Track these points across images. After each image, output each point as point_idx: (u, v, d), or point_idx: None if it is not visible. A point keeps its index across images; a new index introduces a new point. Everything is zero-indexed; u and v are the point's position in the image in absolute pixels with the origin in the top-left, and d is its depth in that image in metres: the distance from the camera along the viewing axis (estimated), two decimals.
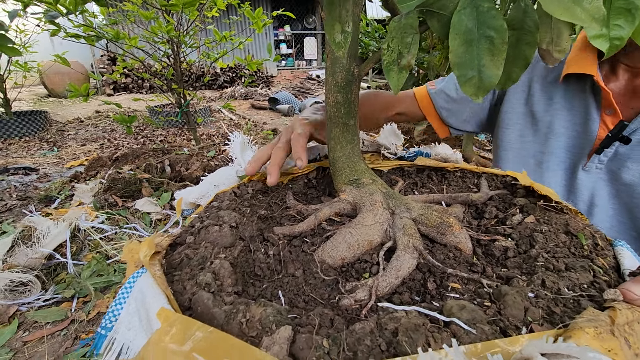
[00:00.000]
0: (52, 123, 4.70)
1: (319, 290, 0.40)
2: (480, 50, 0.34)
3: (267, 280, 0.42)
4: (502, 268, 0.44)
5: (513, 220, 0.51)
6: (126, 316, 0.35)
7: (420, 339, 0.30)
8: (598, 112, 0.77)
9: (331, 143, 0.54)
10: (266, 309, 0.33)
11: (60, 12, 1.79)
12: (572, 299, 0.35)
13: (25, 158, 3.45)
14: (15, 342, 1.25)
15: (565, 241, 0.46)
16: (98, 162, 2.82)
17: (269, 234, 0.49)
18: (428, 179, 0.65)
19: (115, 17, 2.73)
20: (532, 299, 0.35)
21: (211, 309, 0.33)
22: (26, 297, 1.40)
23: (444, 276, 0.41)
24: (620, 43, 0.31)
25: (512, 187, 0.59)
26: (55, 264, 1.57)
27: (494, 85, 0.34)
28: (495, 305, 0.35)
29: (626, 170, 0.74)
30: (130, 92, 7.37)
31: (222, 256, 0.42)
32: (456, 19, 0.35)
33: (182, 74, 2.72)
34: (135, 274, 0.38)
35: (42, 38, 3.89)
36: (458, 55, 0.35)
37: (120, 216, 2.08)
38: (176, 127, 4.47)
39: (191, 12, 2.46)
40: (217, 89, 7.89)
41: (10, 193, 2.54)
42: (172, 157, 2.67)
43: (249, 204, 0.55)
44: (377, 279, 0.40)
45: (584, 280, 0.38)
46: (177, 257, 0.43)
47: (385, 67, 0.39)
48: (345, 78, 0.48)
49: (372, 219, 0.47)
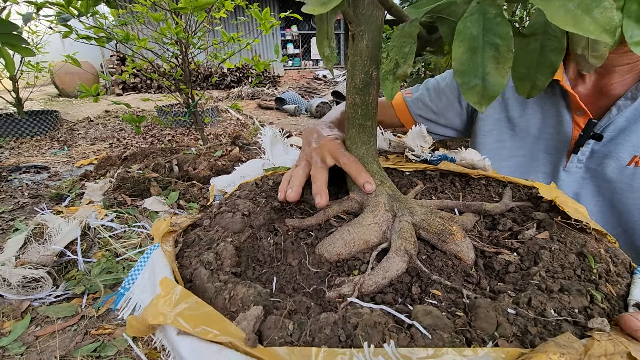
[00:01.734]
0: (63, 122, 4.78)
1: (309, 280, 0.43)
2: (485, 57, 0.32)
3: (267, 266, 0.45)
4: (498, 282, 0.42)
5: (525, 235, 0.49)
6: (141, 280, 0.42)
7: (377, 335, 0.31)
8: (569, 113, 0.79)
9: (347, 143, 0.56)
10: (249, 289, 0.36)
11: (72, 14, 1.82)
12: (554, 321, 0.34)
13: (36, 157, 3.51)
14: (27, 336, 1.28)
15: (574, 262, 0.43)
16: (107, 161, 2.86)
17: (280, 225, 0.52)
18: (451, 185, 0.64)
19: (125, 18, 2.77)
20: (510, 315, 0.34)
21: (205, 283, 0.38)
22: (38, 292, 1.44)
23: (430, 282, 0.41)
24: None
25: (536, 199, 0.56)
26: (66, 261, 1.61)
27: (498, 93, 0.33)
28: (466, 316, 0.35)
29: (605, 167, 0.76)
30: (138, 92, 7.45)
31: (229, 240, 0.46)
32: (461, 25, 0.34)
33: (190, 75, 2.75)
34: (153, 247, 0.44)
35: (53, 39, 3.97)
36: (462, 62, 0.34)
37: (129, 215, 2.11)
38: (184, 126, 4.51)
39: (199, 13, 2.49)
40: (225, 89, 7.94)
41: (22, 191, 2.59)
42: (180, 157, 2.70)
43: (266, 195, 0.58)
44: (364, 277, 0.41)
45: (575, 304, 0.36)
46: (191, 236, 0.48)
47: (382, 76, 0.39)
48: (363, 80, 0.49)
49: (371, 220, 0.48)
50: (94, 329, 1.31)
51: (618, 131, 0.74)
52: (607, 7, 0.24)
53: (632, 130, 0.73)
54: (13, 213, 2.25)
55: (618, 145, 0.74)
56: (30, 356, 1.20)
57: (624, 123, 0.73)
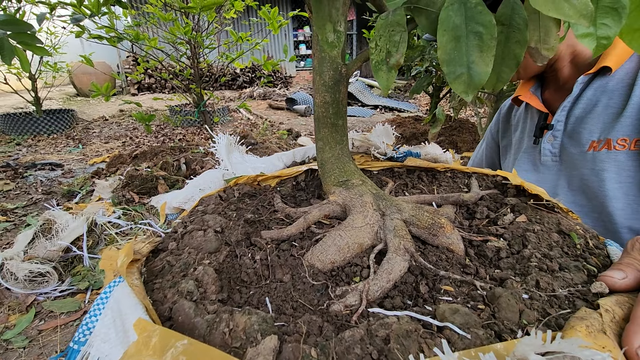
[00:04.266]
0: (79, 121, 4.90)
1: (307, 295, 0.39)
2: (469, 46, 0.32)
3: (254, 287, 0.41)
4: (495, 269, 0.43)
5: (505, 220, 0.50)
6: (101, 328, 0.33)
7: (413, 345, 0.29)
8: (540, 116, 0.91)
9: (319, 144, 0.53)
10: (251, 317, 0.31)
11: (85, 14, 1.86)
12: (566, 299, 0.35)
13: (52, 154, 3.61)
14: (31, 330, 1.30)
15: (558, 240, 0.45)
16: (119, 159, 2.92)
17: (256, 239, 0.47)
18: (418, 180, 0.64)
19: (138, 19, 2.82)
20: (526, 300, 0.34)
21: (192, 318, 0.32)
22: (44, 287, 1.47)
23: (437, 279, 0.40)
24: (607, 42, 0.30)
25: (502, 186, 0.59)
26: (72, 257, 1.63)
27: (483, 82, 0.33)
28: (489, 308, 0.34)
29: (571, 156, 0.81)
30: (153, 92, 7.59)
31: (207, 262, 0.41)
32: (444, 15, 0.33)
33: (199, 74, 2.77)
34: (112, 284, 0.36)
35: (71, 40, 4.07)
36: (447, 52, 0.34)
37: (136, 212, 2.14)
38: (195, 126, 4.57)
39: (209, 13, 2.51)
40: (237, 89, 8.01)
41: (36, 187, 2.66)
42: (188, 156, 2.73)
43: (236, 208, 0.53)
44: (368, 283, 0.38)
45: (578, 280, 0.38)
46: (158, 264, 0.41)
47: (374, 66, 0.38)
48: (333, 77, 0.47)
49: (362, 221, 0.46)
50: None
51: (576, 120, 0.80)
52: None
53: (589, 118, 0.78)
54: (26, 209, 2.31)
55: (578, 133, 0.80)
56: (32, 350, 1.22)
57: (581, 113, 0.79)
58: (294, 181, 0.63)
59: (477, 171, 0.63)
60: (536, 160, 0.91)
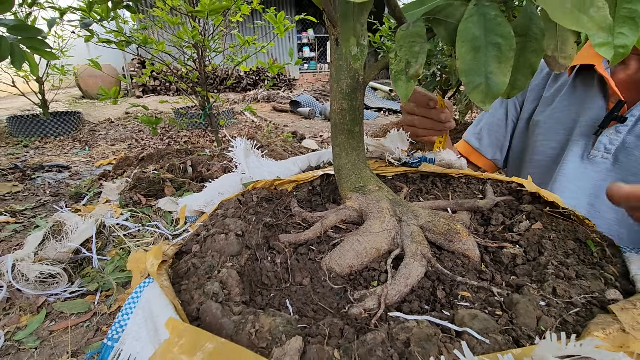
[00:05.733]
0: (85, 123, 4.94)
1: (327, 299, 0.40)
2: (488, 57, 0.33)
3: (275, 289, 0.41)
4: (511, 276, 0.43)
5: (520, 227, 0.50)
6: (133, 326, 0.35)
7: (433, 349, 0.29)
8: (604, 100, 0.77)
9: (336, 150, 0.54)
10: (275, 318, 0.32)
11: (94, 19, 1.89)
12: (583, 306, 0.36)
13: (59, 156, 3.64)
14: (42, 331, 1.32)
15: (574, 248, 0.46)
16: (125, 162, 2.94)
17: (275, 242, 0.48)
18: (432, 185, 0.65)
19: (145, 22, 2.85)
20: (543, 307, 0.35)
21: (220, 319, 0.33)
22: (54, 288, 1.48)
23: (454, 284, 0.41)
24: (624, 51, 0.31)
25: (517, 193, 0.59)
26: (81, 258, 1.65)
27: (501, 92, 0.34)
28: (507, 314, 0.34)
29: (633, 160, 0.72)
30: (158, 94, 7.64)
31: (229, 265, 0.42)
32: (463, 26, 0.35)
33: (206, 77, 2.79)
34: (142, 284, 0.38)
35: (78, 43, 4.11)
36: (466, 62, 0.35)
37: (143, 214, 2.15)
38: (200, 128, 4.59)
39: (216, 17, 2.53)
40: (241, 92, 8.05)
41: (44, 189, 2.69)
42: (194, 158, 2.75)
43: (254, 212, 0.54)
44: (386, 287, 0.39)
45: (595, 287, 0.38)
46: (183, 266, 0.42)
47: (394, 76, 0.39)
48: (350, 85, 0.48)
49: (379, 226, 0.47)
50: (106, 326, 1.34)
51: None
52: (601, 7, 0.26)
53: None
54: (35, 210, 2.34)
55: None
56: (43, 350, 1.23)
57: None
58: (309, 186, 0.64)
59: (492, 177, 0.64)
60: (583, 152, 0.79)
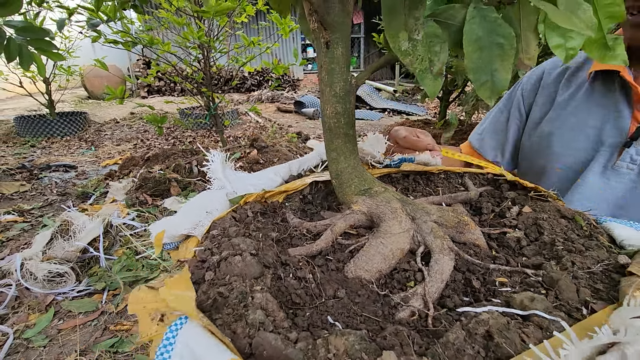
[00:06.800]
0: (91, 123, 4.98)
1: (368, 307, 0.39)
2: (492, 56, 0.36)
3: (309, 307, 0.38)
4: (522, 257, 0.45)
5: (512, 213, 0.53)
6: None
7: (515, 337, 0.29)
8: (629, 107, 0.75)
9: (333, 155, 0.52)
10: (348, 337, 0.30)
11: (102, 19, 1.90)
12: (603, 274, 0.39)
13: (65, 156, 3.67)
14: (50, 329, 1.33)
15: (567, 225, 0.49)
16: (131, 162, 2.96)
17: (289, 257, 0.45)
18: (416, 184, 0.66)
19: (151, 23, 2.86)
20: (574, 281, 0.37)
21: (283, 350, 0.29)
22: (62, 287, 1.49)
23: (485, 272, 0.42)
24: (573, 52, 0.35)
25: (495, 182, 0.63)
26: (89, 258, 1.66)
27: (505, 88, 0.36)
28: (552, 292, 0.36)
29: None
30: (163, 95, 7.68)
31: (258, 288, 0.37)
32: (468, 28, 0.37)
33: (211, 78, 2.81)
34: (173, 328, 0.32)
35: (84, 44, 4.14)
36: (473, 61, 0.37)
37: (149, 214, 2.17)
38: (204, 129, 4.61)
39: (221, 18, 2.54)
40: (245, 92, 8.07)
41: (51, 189, 2.71)
42: (200, 158, 2.76)
43: (256, 228, 0.50)
44: (426, 286, 0.39)
45: (603, 256, 0.42)
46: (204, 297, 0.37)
47: (419, 75, 0.40)
48: (343, 88, 0.48)
49: (399, 227, 0.46)
50: (113, 325, 1.34)
51: None
52: (586, 9, 0.31)
53: None
54: (42, 210, 2.36)
55: None
56: (52, 349, 1.24)
57: None
58: (300, 195, 0.61)
59: (468, 171, 0.66)
60: (607, 162, 0.77)
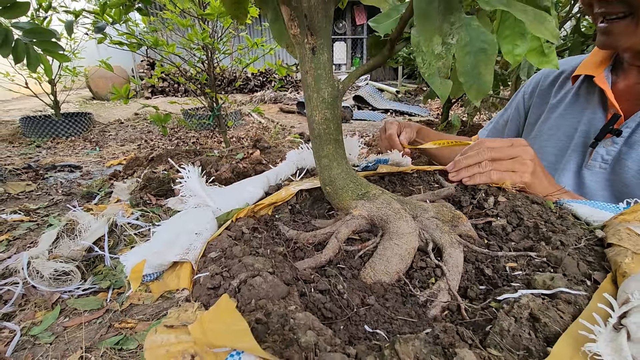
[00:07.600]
0: (96, 124, 5.02)
1: (400, 310, 0.39)
2: (478, 60, 0.38)
3: (341, 319, 0.37)
4: (512, 242, 0.48)
5: (489, 203, 0.57)
6: None
7: (556, 316, 0.31)
8: (603, 111, 0.79)
9: (324, 161, 0.52)
10: (414, 342, 0.30)
11: (107, 22, 1.93)
12: (587, 248, 0.44)
13: (70, 156, 3.71)
14: (56, 326, 1.35)
15: (540, 209, 0.54)
16: (135, 162, 2.98)
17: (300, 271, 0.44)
18: (392, 184, 0.68)
19: (155, 25, 2.89)
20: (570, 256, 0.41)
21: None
22: (68, 285, 1.51)
23: (493, 260, 0.44)
24: (519, 58, 0.40)
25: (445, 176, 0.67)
26: (94, 256, 1.68)
27: (489, 89, 0.39)
28: (559, 270, 0.40)
29: (626, 171, 0.73)
30: (166, 96, 7.72)
31: (293, 308, 0.35)
32: None
33: (215, 79, 2.83)
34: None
35: (89, 45, 4.19)
36: (463, 65, 0.39)
37: (153, 213, 2.19)
38: (208, 129, 4.64)
39: (225, 19, 2.57)
40: (248, 93, 8.10)
41: (56, 189, 2.74)
42: (203, 159, 2.78)
43: (259, 244, 0.48)
44: (448, 280, 0.41)
45: (581, 233, 0.46)
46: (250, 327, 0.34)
47: (428, 78, 0.41)
48: (331, 94, 0.48)
49: (407, 227, 0.47)
50: (118, 323, 1.36)
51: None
52: (550, 20, 0.35)
53: None
54: (48, 209, 2.38)
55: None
56: (58, 345, 1.26)
57: None
58: (288, 206, 0.60)
59: (438, 169, 0.70)
60: (581, 161, 0.80)
